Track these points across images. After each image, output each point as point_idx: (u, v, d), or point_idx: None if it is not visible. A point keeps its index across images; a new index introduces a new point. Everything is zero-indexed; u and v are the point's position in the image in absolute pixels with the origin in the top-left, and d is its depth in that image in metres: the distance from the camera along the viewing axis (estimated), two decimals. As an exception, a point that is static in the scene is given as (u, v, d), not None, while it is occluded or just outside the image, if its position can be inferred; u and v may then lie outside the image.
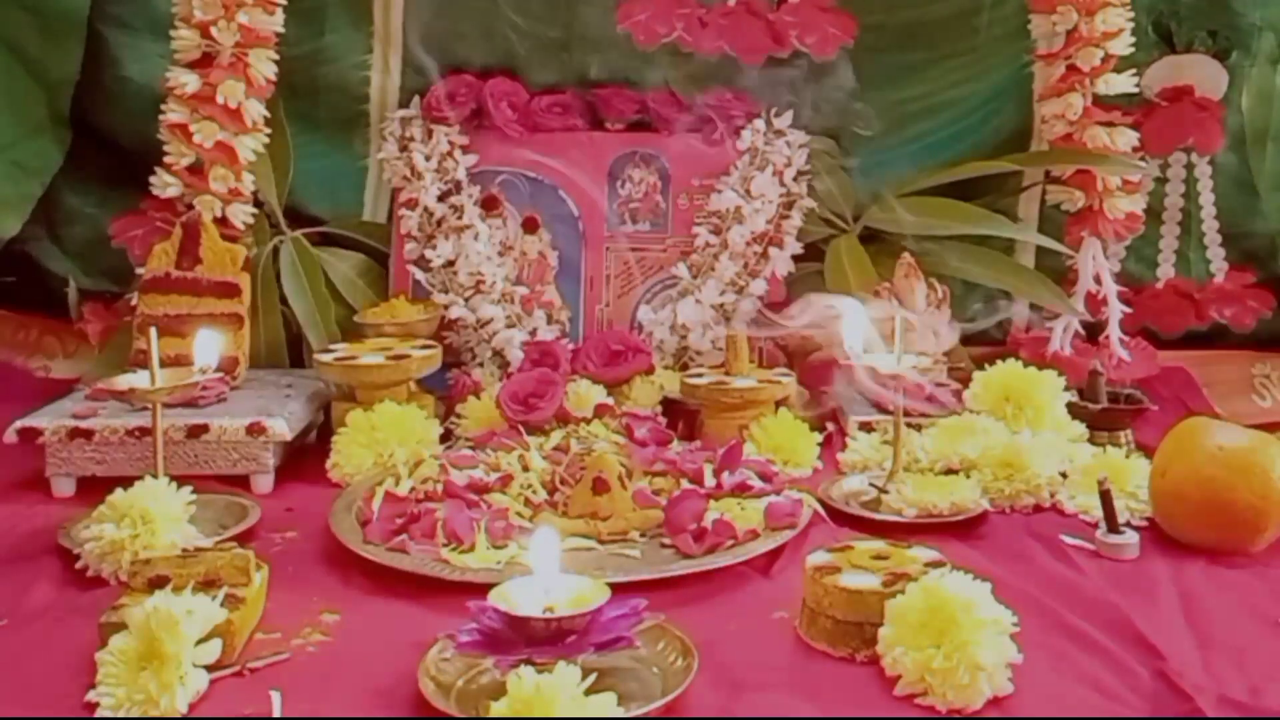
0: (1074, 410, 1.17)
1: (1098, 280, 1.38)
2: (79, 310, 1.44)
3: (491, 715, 0.65)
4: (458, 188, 1.37)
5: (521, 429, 1.13)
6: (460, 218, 1.36)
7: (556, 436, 1.13)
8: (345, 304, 1.36)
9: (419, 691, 0.71)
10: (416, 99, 1.42)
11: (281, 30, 1.31)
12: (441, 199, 1.37)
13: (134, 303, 1.28)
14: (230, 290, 1.24)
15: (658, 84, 1.42)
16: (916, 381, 1.07)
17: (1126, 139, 1.35)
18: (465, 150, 1.39)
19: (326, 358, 1.21)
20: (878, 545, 0.85)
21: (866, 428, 1.19)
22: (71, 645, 0.78)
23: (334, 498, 1.03)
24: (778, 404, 1.20)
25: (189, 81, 1.26)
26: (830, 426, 1.23)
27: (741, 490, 1.01)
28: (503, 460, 1.07)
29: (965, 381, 1.21)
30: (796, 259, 1.39)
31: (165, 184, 1.30)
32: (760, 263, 1.37)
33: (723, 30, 1.41)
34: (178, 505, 0.92)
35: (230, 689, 0.74)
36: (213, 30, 1.26)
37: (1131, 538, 0.95)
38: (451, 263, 1.34)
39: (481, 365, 1.33)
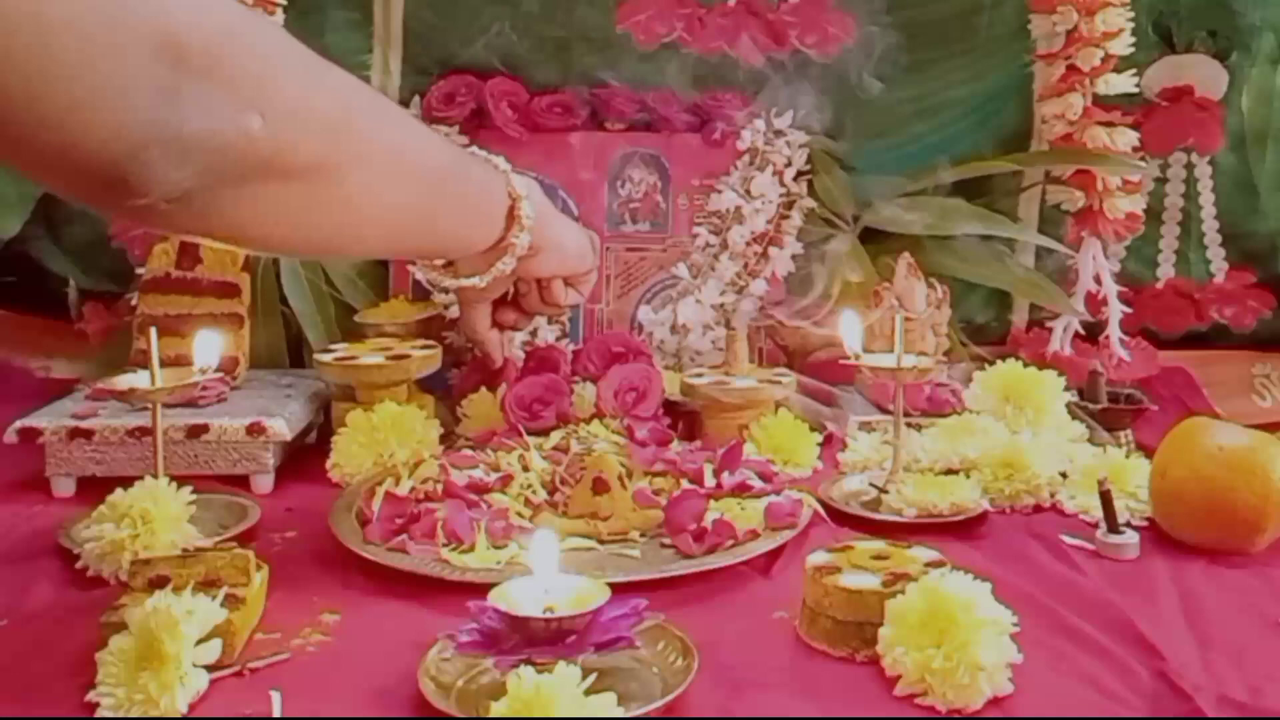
0: (1074, 410, 1.17)
1: (1098, 280, 1.38)
2: (79, 310, 1.44)
3: (491, 715, 0.65)
4: (458, 188, 1.37)
5: (523, 430, 1.14)
6: (460, 218, 1.35)
7: (556, 436, 1.13)
8: (345, 304, 1.36)
9: (419, 691, 0.71)
10: (416, 99, 1.42)
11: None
12: (441, 199, 1.37)
13: (134, 303, 1.28)
14: (230, 290, 1.24)
15: (658, 84, 1.43)
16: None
17: (1126, 139, 1.35)
18: (465, 150, 1.39)
19: (326, 358, 1.21)
20: (878, 545, 0.85)
21: (866, 428, 1.19)
22: (71, 645, 0.78)
23: (334, 498, 1.03)
24: (778, 404, 1.20)
25: (189, 81, 1.26)
26: (830, 426, 1.23)
27: (741, 490, 1.01)
28: (503, 460, 1.07)
29: (965, 381, 1.22)
30: (796, 259, 1.39)
31: (165, 184, 1.29)
32: (760, 263, 1.37)
33: (723, 30, 1.41)
34: (178, 505, 0.92)
35: (230, 689, 0.74)
36: (213, 30, 1.26)
37: (1131, 538, 0.95)
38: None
39: (481, 365, 1.33)
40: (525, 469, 1.05)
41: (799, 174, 1.41)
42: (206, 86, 0.67)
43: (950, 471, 1.07)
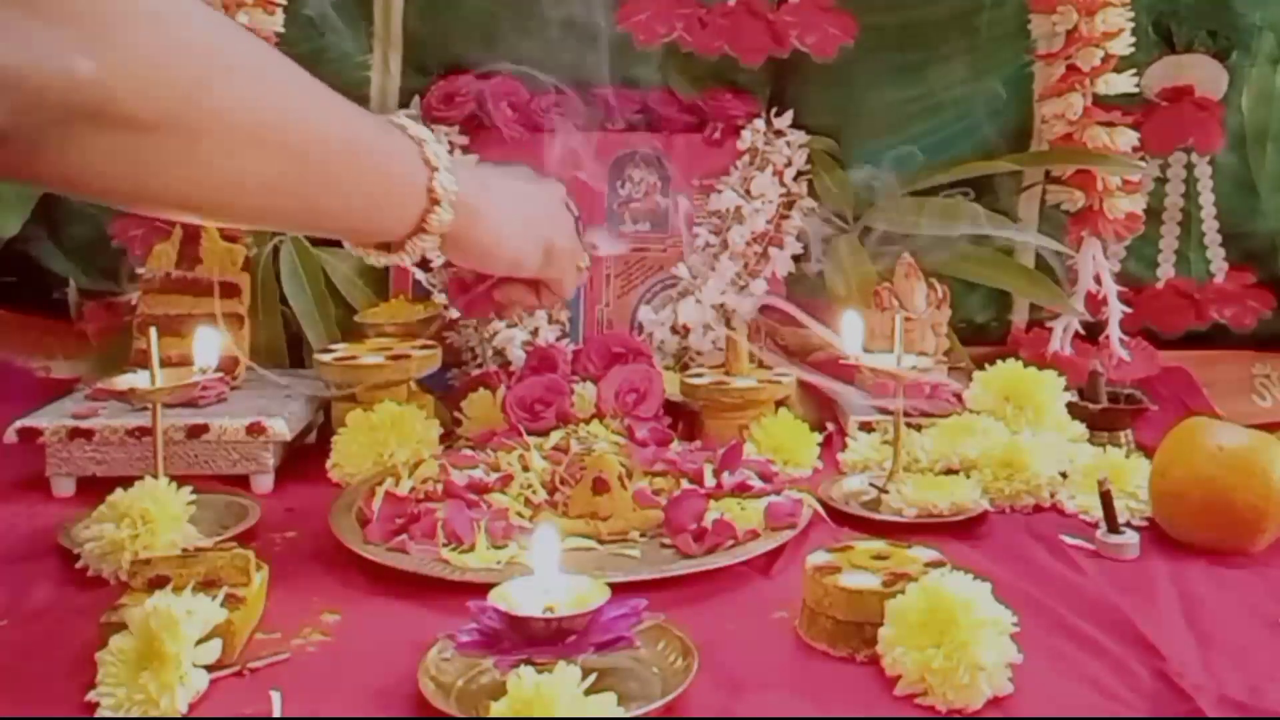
0: (1074, 410, 1.17)
1: (1098, 280, 1.38)
2: (79, 310, 1.44)
3: (491, 715, 0.65)
4: (458, 188, 1.37)
5: (523, 430, 1.14)
6: (461, 218, 1.35)
7: (556, 436, 1.13)
8: (345, 304, 1.36)
9: (419, 691, 0.71)
10: (416, 99, 1.42)
11: (281, 30, 1.31)
12: (442, 199, 1.37)
13: (134, 303, 1.28)
14: (230, 290, 1.24)
15: (658, 84, 1.43)
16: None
17: (1126, 139, 1.35)
18: (465, 150, 1.39)
19: (326, 358, 1.21)
20: (878, 545, 0.85)
21: (866, 428, 1.19)
22: (71, 645, 0.78)
23: (334, 498, 1.03)
24: (778, 404, 1.20)
25: (189, 81, 1.26)
26: (830, 426, 1.23)
27: (741, 490, 1.01)
28: (503, 460, 1.07)
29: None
30: (796, 259, 1.39)
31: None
32: (760, 263, 1.38)
33: (723, 30, 1.41)
34: (178, 505, 0.92)
35: (230, 689, 0.74)
36: (213, 30, 1.26)
37: (1131, 538, 0.95)
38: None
39: (481, 365, 1.32)
40: (525, 469, 1.05)
41: (799, 174, 1.41)
42: (29, 20, 0.64)
43: (950, 471, 1.07)
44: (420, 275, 1.36)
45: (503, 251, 1.03)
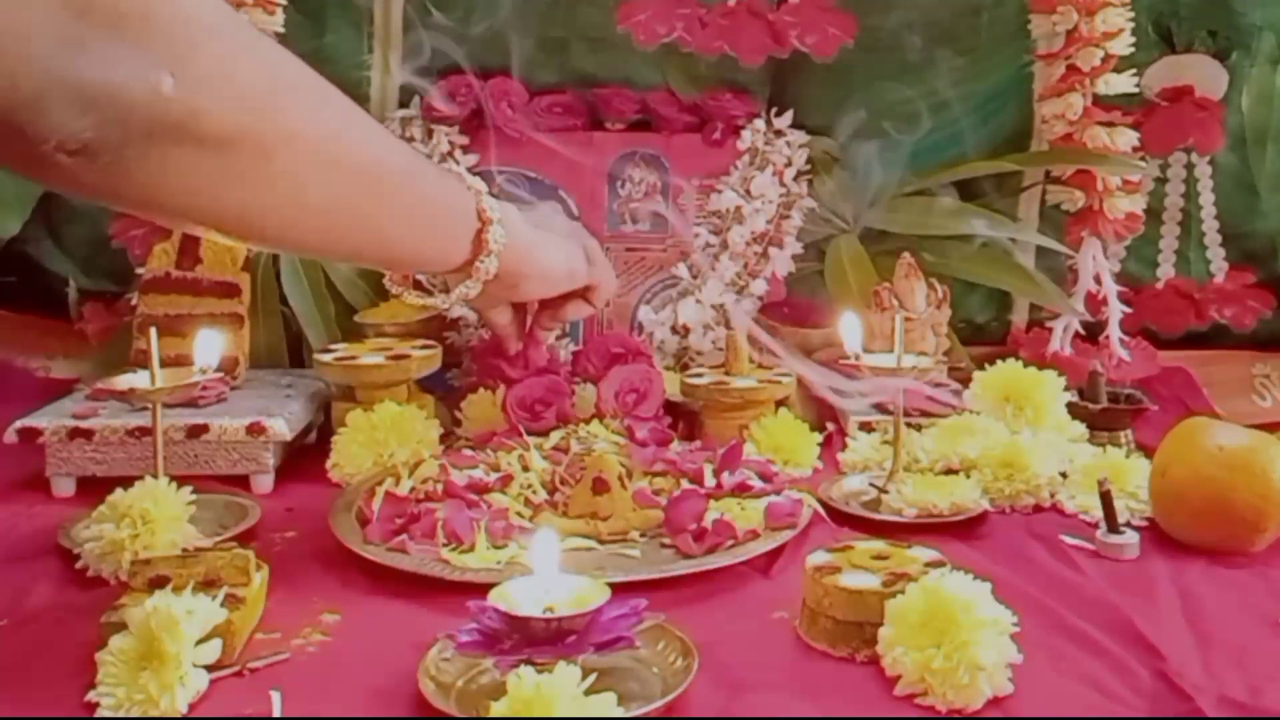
0: (1074, 410, 1.17)
1: (1098, 280, 1.38)
2: (79, 310, 1.44)
3: (491, 715, 0.65)
4: (458, 188, 1.37)
5: (523, 430, 1.14)
6: (460, 218, 1.35)
7: (556, 436, 1.13)
8: (345, 304, 1.36)
9: (419, 691, 0.71)
10: (416, 99, 1.42)
11: (281, 30, 1.31)
12: (442, 199, 1.37)
13: (134, 303, 1.28)
14: (230, 290, 1.24)
15: (658, 84, 1.43)
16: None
17: (1126, 139, 1.35)
18: (465, 150, 1.39)
19: (326, 358, 1.21)
20: (878, 545, 0.85)
21: (866, 428, 1.19)
22: (71, 645, 0.78)
23: (334, 498, 1.03)
24: (778, 404, 1.20)
25: (189, 81, 1.26)
26: (830, 426, 1.23)
27: (741, 490, 1.01)
28: (503, 460, 1.07)
29: (965, 381, 1.22)
30: (796, 259, 1.39)
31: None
32: (760, 263, 1.38)
33: (723, 30, 1.41)
34: (178, 505, 0.92)
35: (230, 689, 0.74)
36: (213, 30, 1.26)
37: (1131, 538, 0.95)
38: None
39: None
40: (525, 469, 1.05)
41: (799, 174, 1.41)
42: (114, 41, 0.66)
43: (950, 471, 1.07)
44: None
45: (559, 266, 1.08)
